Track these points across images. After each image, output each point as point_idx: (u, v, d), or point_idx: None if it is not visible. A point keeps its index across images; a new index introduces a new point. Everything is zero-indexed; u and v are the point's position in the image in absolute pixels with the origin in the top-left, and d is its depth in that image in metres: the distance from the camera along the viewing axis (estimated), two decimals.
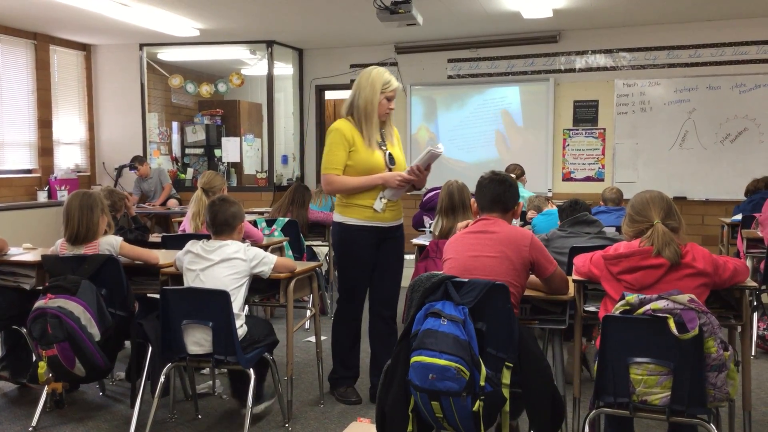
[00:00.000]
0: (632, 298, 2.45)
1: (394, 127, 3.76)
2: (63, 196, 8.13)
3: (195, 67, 9.56)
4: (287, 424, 3.45)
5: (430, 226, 5.03)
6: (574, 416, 2.99)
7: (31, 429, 3.43)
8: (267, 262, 3.29)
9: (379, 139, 3.59)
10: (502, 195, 2.88)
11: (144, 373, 3.38)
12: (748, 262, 4.84)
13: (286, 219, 5.42)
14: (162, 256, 3.62)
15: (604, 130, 8.07)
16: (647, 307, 2.39)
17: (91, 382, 3.70)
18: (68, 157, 8.83)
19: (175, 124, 9.51)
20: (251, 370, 3.18)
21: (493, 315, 2.49)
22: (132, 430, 3.29)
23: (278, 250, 4.73)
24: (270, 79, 8.69)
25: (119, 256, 3.41)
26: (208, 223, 3.35)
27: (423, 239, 4.62)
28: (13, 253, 3.87)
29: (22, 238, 4.41)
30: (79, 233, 3.39)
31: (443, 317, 2.42)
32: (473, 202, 3.01)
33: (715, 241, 7.26)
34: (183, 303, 3.13)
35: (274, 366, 3.39)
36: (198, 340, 3.13)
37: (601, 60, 8.02)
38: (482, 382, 2.37)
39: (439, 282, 2.54)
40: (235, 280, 3.20)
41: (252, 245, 3.44)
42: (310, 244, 5.86)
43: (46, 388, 3.40)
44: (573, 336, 2.99)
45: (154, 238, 4.61)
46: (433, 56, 8.60)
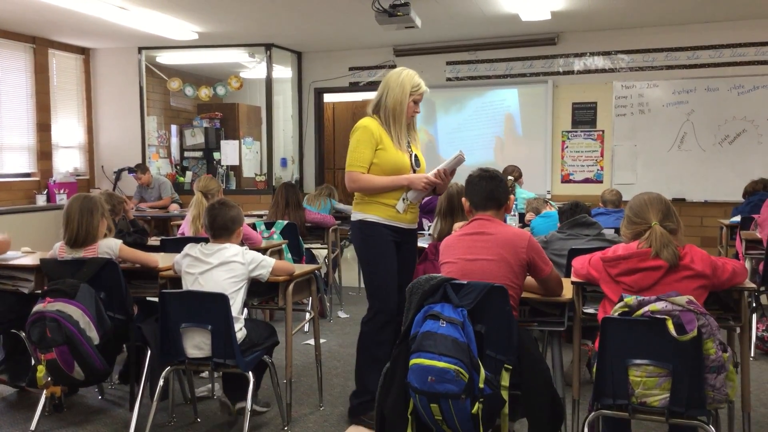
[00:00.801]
0: (631, 299, 2.45)
1: (416, 130, 3.72)
2: (62, 199, 8.13)
3: (194, 71, 9.57)
4: (286, 427, 3.44)
5: (429, 229, 5.02)
6: (573, 418, 2.98)
7: None
8: (265, 265, 3.28)
9: (405, 141, 3.55)
10: (494, 191, 2.88)
11: (143, 377, 3.38)
12: (747, 264, 4.84)
13: (285, 222, 5.42)
14: (161, 259, 3.62)
15: (603, 132, 8.08)
16: (646, 309, 2.39)
17: (90, 385, 3.69)
18: (67, 161, 8.83)
19: (174, 128, 9.51)
20: (250, 373, 3.18)
21: (492, 317, 2.49)
22: None
23: (277, 253, 4.73)
24: (269, 82, 8.69)
25: (118, 260, 3.41)
26: (207, 227, 3.35)
27: (422, 242, 4.62)
28: (12, 256, 3.87)
29: (21, 242, 4.40)
30: (78, 236, 3.39)
31: (442, 319, 2.42)
32: (464, 200, 2.98)
33: (714, 242, 7.26)
34: (182, 306, 3.13)
35: (273, 369, 3.39)
36: (198, 344, 3.13)
37: (599, 62, 8.03)
38: (481, 385, 2.37)
39: (438, 284, 2.54)
40: (234, 283, 3.20)
41: (251, 248, 3.44)
42: (309, 246, 5.86)
43: (45, 391, 3.40)
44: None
45: (153, 241, 4.62)
46: (432, 59, 8.61)
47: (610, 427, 2.74)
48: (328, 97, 10.02)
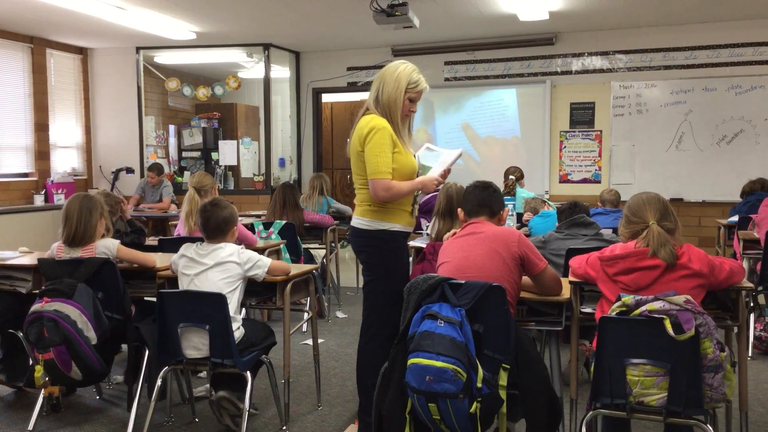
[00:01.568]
0: (628, 299, 2.45)
1: (411, 131, 3.46)
2: (60, 199, 8.12)
3: (192, 71, 9.56)
4: (284, 427, 3.44)
5: (427, 229, 5.02)
6: (571, 417, 2.98)
7: None
8: (261, 265, 3.27)
9: (406, 140, 3.31)
10: (486, 199, 2.94)
11: (141, 377, 3.37)
12: (745, 264, 4.85)
13: (283, 222, 5.42)
14: (158, 259, 3.62)
15: (601, 132, 8.08)
16: (643, 309, 2.39)
17: (88, 385, 3.69)
18: (65, 161, 8.82)
19: (172, 128, 9.51)
20: (248, 372, 3.17)
21: (490, 317, 2.50)
22: None
23: (275, 253, 4.73)
24: (267, 82, 8.69)
25: (116, 260, 3.41)
26: (201, 228, 3.33)
27: (420, 242, 4.62)
28: (10, 256, 3.87)
29: (19, 242, 4.41)
30: (76, 235, 3.38)
31: (440, 319, 2.42)
32: (459, 210, 3.04)
33: (712, 242, 7.27)
34: (180, 306, 3.12)
35: (271, 369, 3.39)
36: (195, 344, 3.13)
37: (597, 62, 8.04)
38: (479, 384, 2.37)
39: (436, 284, 2.55)
40: (229, 283, 3.19)
41: (247, 248, 3.43)
42: (307, 246, 5.86)
43: (43, 391, 3.40)
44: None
45: (151, 241, 4.61)
46: (430, 59, 8.61)
47: (610, 428, 2.74)
48: (327, 97, 10.01)
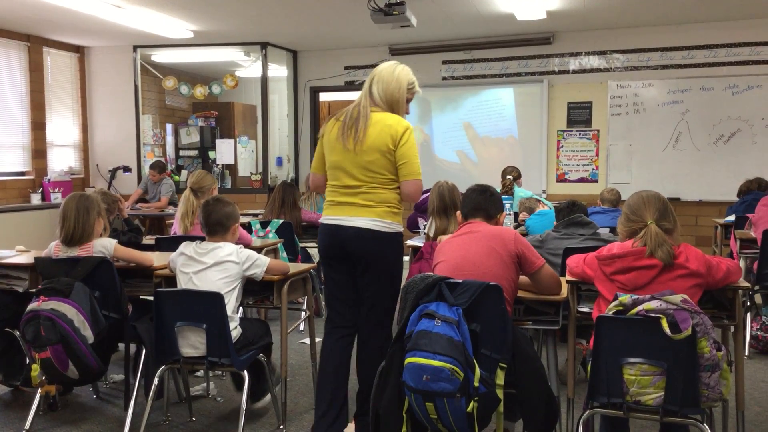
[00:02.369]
0: (625, 298, 2.45)
1: None
2: (56, 198, 8.11)
3: (189, 69, 9.54)
4: (282, 426, 3.44)
5: (424, 228, 5.03)
6: (568, 417, 2.99)
7: None
8: (259, 264, 3.27)
9: None
10: (483, 202, 2.96)
11: (138, 376, 3.37)
12: (741, 263, 4.86)
13: (281, 221, 5.41)
14: (156, 258, 3.62)
15: (598, 131, 8.09)
16: (640, 308, 2.39)
17: (85, 384, 3.69)
18: (62, 160, 8.80)
19: (169, 126, 9.49)
20: (246, 371, 3.17)
21: (487, 316, 2.50)
22: None
23: (273, 252, 4.72)
24: (264, 80, 8.68)
25: (113, 259, 3.40)
26: (202, 223, 3.34)
27: (417, 241, 4.62)
28: (6, 255, 3.86)
29: (16, 241, 4.40)
30: (74, 234, 3.38)
31: (437, 318, 2.42)
32: (458, 214, 3.07)
33: (709, 241, 7.28)
34: (177, 305, 3.12)
35: (267, 368, 3.39)
36: (192, 343, 3.13)
37: (594, 61, 8.04)
38: (476, 383, 2.37)
39: (433, 283, 2.55)
40: (228, 283, 3.19)
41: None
42: (305, 245, 5.86)
43: (40, 390, 3.39)
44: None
45: (148, 240, 4.60)
46: (428, 58, 8.61)
47: (607, 427, 2.74)
48: (324, 96, 10.00)
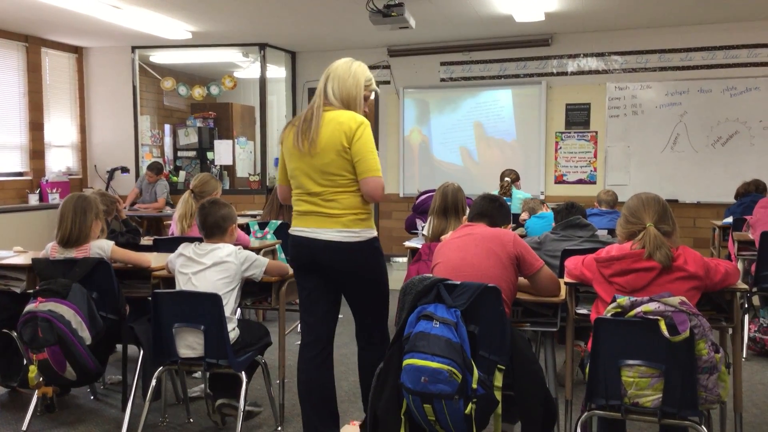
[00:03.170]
0: (624, 300, 2.45)
1: None
2: (54, 199, 8.10)
3: (187, 70, 9.54)
4: (279, 428, 3.44)
5: (422, 229, 5.03)
6: (566, 419, 2.99)
7: None
8: (258, 265, 3.27)
9: None
10: (488, 209, 2.98)
11: (135, 377, 3.36)
12: (739, 265, 4.86)
13: (279, 222, 5.41)
14: (153, 259, 3.61)
15: (596, 133, 8.10)
16: (638, 310, 2.39)
17: (82, 385, 3.68)
18: (60, 160, 8.79)
19: (168, 127, 9.49)
20: (243, 373, 3.17)
21: (486, 318, 2.49)
22: None
23: (271, 253, 4.72)
24: (263, 81, 8.68)
25: (111, 260, 3.40)
26: (199, 226, 3.33)
27: (415, 242, 4.63)
28: (4, 255, 3.85)
29: (13, 242, 4.39)
30: (71, 235, 3.37)
31: (435, 320, 2.42)
32: (464, 219, 3.08)
33: (707, 243, 7.29)
34: (174, 306, 3.12)
35: (265, 369, 3.38)
36: (190, 344, 3.12)
37: (593, 63, 8.05)
38: (474, 385, 2.37)
39: (432, 285, 2.55)
40: (227, 284, 3.19)
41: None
42: None
43: (37, 392, 3.38)
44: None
45: (146, 241, 4.59)
46: (426, 59, 8.61)
47: (604, 428, 2.74)
48: None
